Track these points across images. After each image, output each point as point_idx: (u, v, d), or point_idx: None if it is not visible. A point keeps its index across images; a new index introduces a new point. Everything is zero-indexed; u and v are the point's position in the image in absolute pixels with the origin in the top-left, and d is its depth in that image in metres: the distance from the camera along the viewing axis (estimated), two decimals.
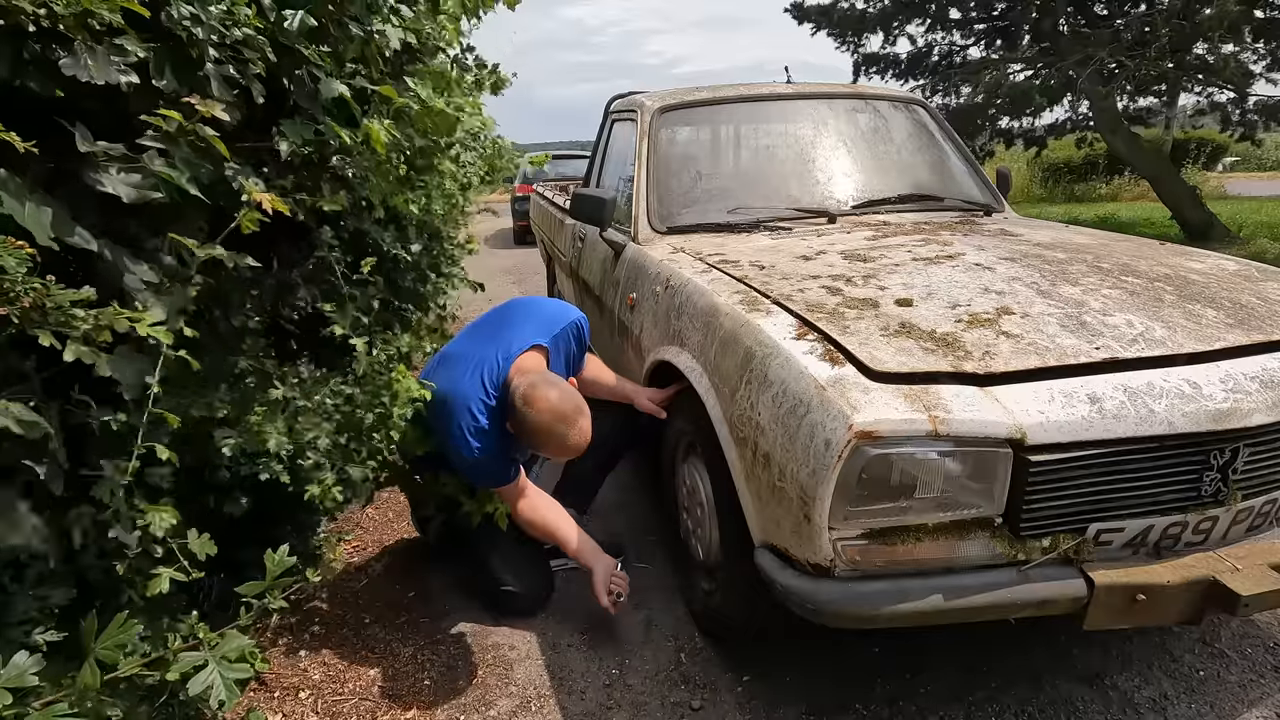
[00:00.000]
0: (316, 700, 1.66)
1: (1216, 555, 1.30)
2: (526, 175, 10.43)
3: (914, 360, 1.29)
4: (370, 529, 2.43)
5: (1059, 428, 1.20)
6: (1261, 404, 1.27)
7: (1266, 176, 19.25)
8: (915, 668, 1.68)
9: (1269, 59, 7.84)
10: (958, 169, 2.74)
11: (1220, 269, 1.80)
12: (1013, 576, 1.23)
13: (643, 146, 2.49)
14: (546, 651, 1.81)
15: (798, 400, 1.27)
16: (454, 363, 1.83)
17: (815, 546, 1.23)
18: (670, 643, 1.82)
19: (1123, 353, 1.31)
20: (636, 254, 2.28)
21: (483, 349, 1.82)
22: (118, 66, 1.10)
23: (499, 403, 1.75)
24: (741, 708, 1.60)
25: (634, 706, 1.62)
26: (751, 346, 1.45)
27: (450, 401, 1.74)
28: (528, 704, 1.64)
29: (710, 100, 2.70)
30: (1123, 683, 1.62)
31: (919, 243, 1.99)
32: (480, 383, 1.75)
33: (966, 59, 9.98)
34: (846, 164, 2.58)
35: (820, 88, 2.84)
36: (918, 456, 1.19)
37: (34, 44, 1.05)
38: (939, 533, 1.23)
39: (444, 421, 1.75)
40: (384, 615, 1.97)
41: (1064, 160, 14.46)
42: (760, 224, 2.30)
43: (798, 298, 1.58)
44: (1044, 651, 1.71)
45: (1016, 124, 9.93)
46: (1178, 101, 10.28)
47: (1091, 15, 8.49)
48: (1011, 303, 1.50)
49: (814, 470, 1.20)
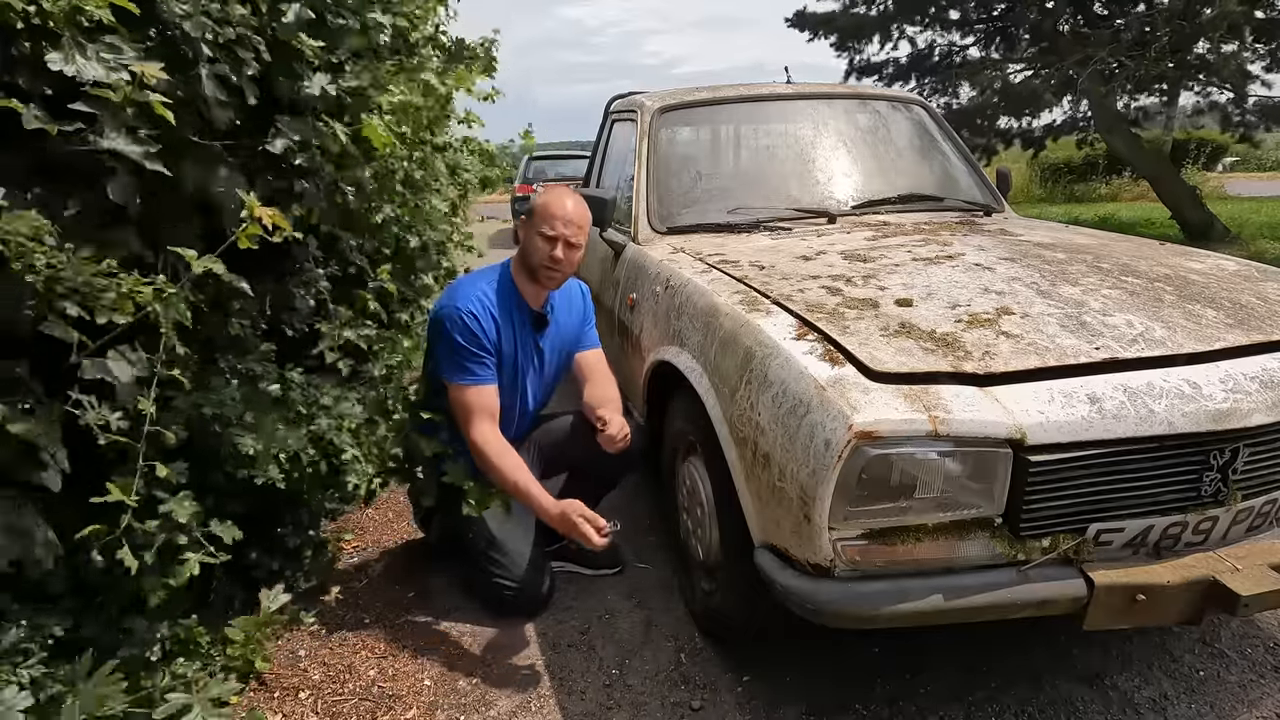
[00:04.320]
0: (316, 700, 1.66)
1: (1216, 555, 1.30)
2: (527, 175, 10.44)
3: (914, 360, 1.29)
4: (370, 529, 2.43)
5: (1059, 428, 1.20)
6: (1261, 404, 1.27)
7: (1266, 176, 19.24)
8: (915, 668, 1.68)
9: (1269, 59, 7.84)
10: (958, 169, 2.74)
11: (1220, 269, 1.80)
12: (1013, 576, 1.23)
13: (643, 147, 2.49)
14: (546, 651, 1.81)
15: (798, 400, 1.27)
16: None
17: (815, 546, 1.23)
18: (670, 643, 1.82)
19: (1123, 353, 1.31)
20: (636, 254, 2.28)
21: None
22: (108, 63, 1.09)
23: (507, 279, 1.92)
24: (741, 708, 1.60)
25: (634, 706, 1.62)
26: (751, 346, 1.45)
27: (464, 280, 1.94)
28: (528, 704, 1.64)
29: (710, 100, 2.70)
30: (1123, 683, 1.62)
31: (919, 243, 1.99)
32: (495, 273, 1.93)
33: (966, 59, 9.98)
34: (846, 164, 2.58)
35: (820, 88, 2.84)
36: (918, 456, 1.19)
37: (23, 41, 1.05)
38: (939, 533, 1.23)
39: (450, 290, 1.90)
40: (384, 615, 1.97)
41: (1064, 160, 14.45)
42: (760, 224, 2.29)
43: (798, 298, 1.58)
44: (1044, 651, 1.71)
45: (1016, 124, 9.93)
46: (1178, 101, 10.27)
47: (1091, 15, 8.49)
48: (1011, 303, 1.50)
49: (814, 470, 1.20)
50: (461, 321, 1.80)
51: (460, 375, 1.82)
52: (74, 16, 1.05)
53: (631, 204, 2.44)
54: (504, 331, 1.87)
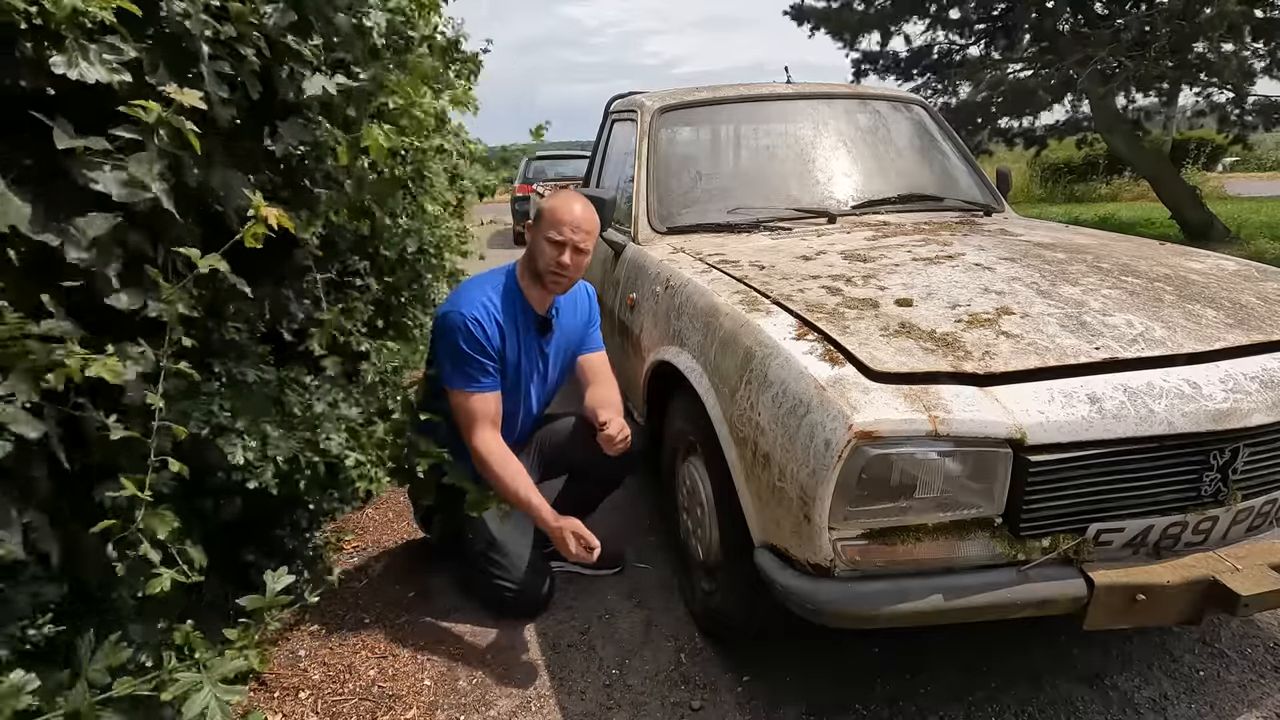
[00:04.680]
0: (316, 700, 1.66)
1: (1216, 555, 1.30)
2: (527, 175, 10.42)
3: (914, 360, 1.29)
4: (370, 529, 2.43)
5: (1059, 428, 1.20)
6: (1261, 404, 1.27)
7: (1266, 176, 19.22)
8: (915, 668, 1.68)
9: (1269, 59, 7.84)
10: (958, 169, 2.74)
11: (1220, 269, 1.80)
12: (1013, 576, 1.23)
13: (643, 146, 2.49)
14: (546, 651, 1.81)
15: (798, 400, 1.27)
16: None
17: (815, 546, 1.23)
18: (670, 643, 1.82)
19: (1122, 353, 1.31)
20: (636, 254, 2.28)
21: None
22: (110, 65, 1.09)
23: (511, 285, 1.90)
24: (741, 708, 1.60)
25: (634, 706, 1.62)
26: (751, 346, 1.45)
27: (470, 283, 1.91)
28: (528, 704, 1.64)
29: (710, 100, 2.70)
30: (1123, 683, 1.62)
31: (919, 243, 1.99)
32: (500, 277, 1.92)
33: (966, 59, 9.97)
34: (846, 164, 2.58)
35: (820, 88, 2.84)
36: (918, 456, 1.19)
37: (25, 42, 1.05)
38: (939, 533, 1.23)
39: (455, 293, 1.88)
40: (384, 615, 1.98)
41: (1064, 160, 14.44)
42: (760, 224, 2.29)
43: (798, 298, 1.58)
44: (1044, 651, 1.71)
45: (1016, 124, 9.92)
46: (1178, 101, 10.27)
47: (1091, 15, 8.49)
48: (1011, 303, 1.50)
49: (814, 470, 1.20)
50: (466, 328, 1.78)
51: (463, 382, 1.81)
52: (77, 18, 1.05)
53: (631, 204, 2.44)
54: (508, 337, 1.86)
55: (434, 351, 1.90)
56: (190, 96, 1.13)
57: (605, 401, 1.93)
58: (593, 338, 2.10)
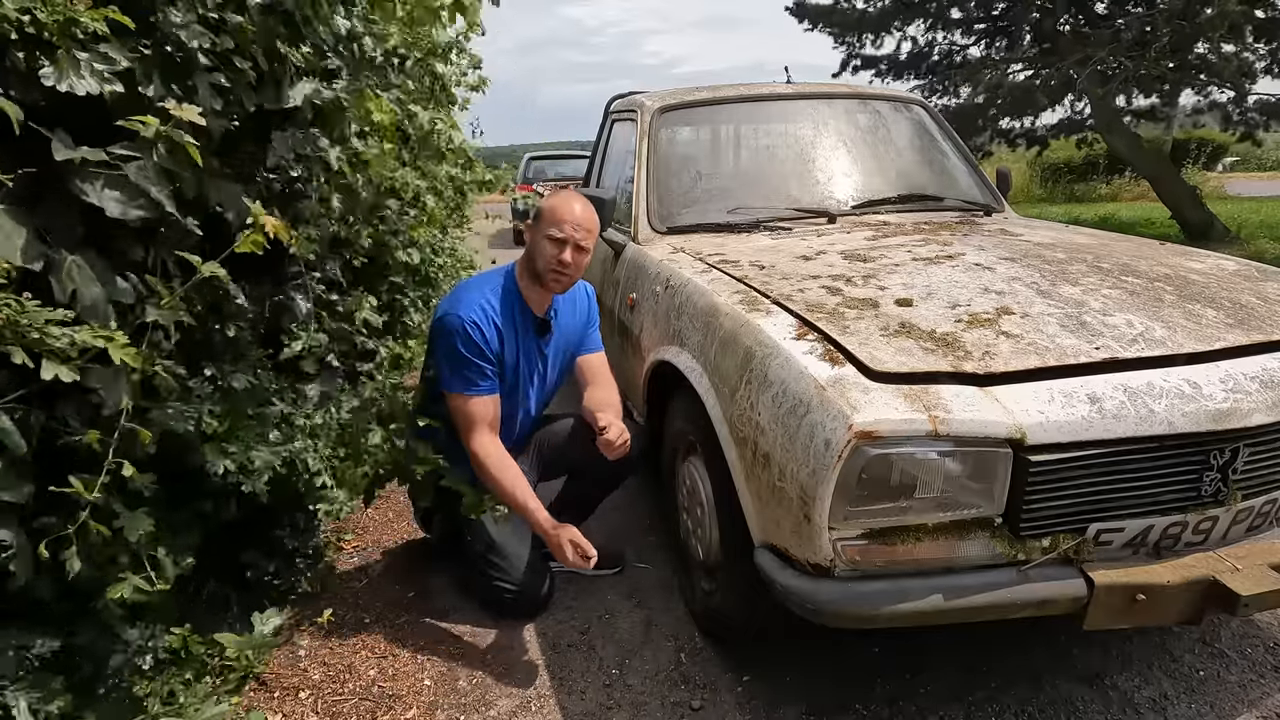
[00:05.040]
0: (316, 700, 1.66)
1: (1216, 555, 1.30)
2: (526, 175, 10.42)
3: (914, 360, 1.29)
4: (370, 529, 2.43)
5: (1059, 428, 1.20)
6: (1261, 404, 1.27)
7: (1266, 176, 19.24)
8: (915, 668, 1.68)
9: (1269, 59, 7.84)
10: (958, 169, 2.74)
11: (1220, 269, 1.80)
12: (1013, 576, 1.23)
13: (643, 146, 2.49)
14: (546, 651, 1.81)
15: (798, 400, 1.27)
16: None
17: (815, 546, 1.23)
18: (670, 643, 1.82)
19: (1123, 353, 1.31)
20: (636, 254, 2.28)
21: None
22: (101, 75, 1.08)
23: (511, 287, 1.90)
24: (741, 708, 1.60)
25: (634, 706, 1.62)
26: (751, 346, 1.45)
27: (468, 284, 1.91)
28: (528, 704, 1.64)
29: (710, 100, 2.70)
30: (1123, 683, 1.62)
31: (919, 243, 1.99)
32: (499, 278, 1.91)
33: (966, 59, 9.97)
34: (846, 164, 2.58)
35: (820, 88, 2.84)
36: (918, 456, 1.19)
37: (17, 52, 1.04)
38: (939, 533, 1.23)
39: (453, 295, 1.88)
40: (384, 615, 1.97)
41: (1064, 160, 14.45)
42: (760, 224, 2.29)
43: (798, 298, 1.58)
44: (1044, 651, 1.71)
45: (1017, 124, 9.93)
46: (1178, 101, 10.27)
47: (1091, 15, 8.49)
48: (1011, 303, 1.50)
49: (814, 470, 1.20)
50: (464, 331, 1.77)
51: (461, 385, 1.81)
52: (69, 29, 1.04)
53: (631, 204, 2.44)
54: (506, 340, 1.86)
55: (432, 354, 1.90)
56: (189, 112, 1.13)
57: (604, 403, 1.93)
58: (592, 338, 2.09)
